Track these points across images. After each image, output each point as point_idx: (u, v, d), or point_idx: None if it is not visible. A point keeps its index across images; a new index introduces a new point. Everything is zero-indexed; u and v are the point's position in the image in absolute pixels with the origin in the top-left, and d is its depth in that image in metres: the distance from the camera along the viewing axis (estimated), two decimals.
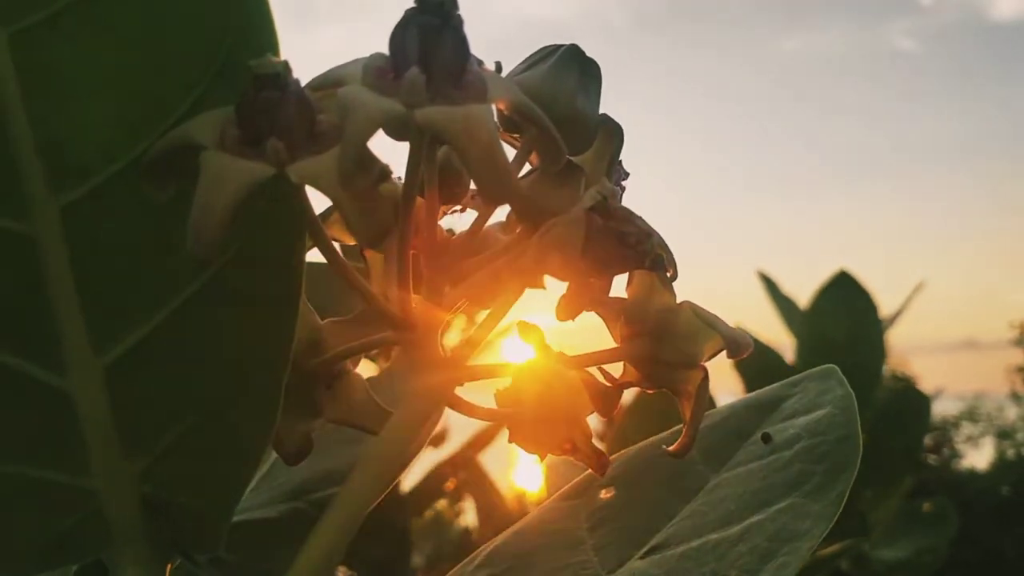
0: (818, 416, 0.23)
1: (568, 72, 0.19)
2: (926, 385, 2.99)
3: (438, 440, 1.31)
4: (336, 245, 0.20)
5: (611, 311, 0.22)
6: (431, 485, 1.20)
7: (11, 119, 0.16)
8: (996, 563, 2.09)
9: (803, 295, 1.24)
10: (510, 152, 0.20)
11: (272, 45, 0.17)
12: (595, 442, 0.23)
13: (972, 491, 2.38)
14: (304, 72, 0.16)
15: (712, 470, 0.24)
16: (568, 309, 0.19)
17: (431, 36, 0.16)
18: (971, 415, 2.96)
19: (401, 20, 0.16)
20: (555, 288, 0.20)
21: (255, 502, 0.23)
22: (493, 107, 0.16)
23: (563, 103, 0.19)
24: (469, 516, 1.40)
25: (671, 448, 0.22)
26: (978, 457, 2.77)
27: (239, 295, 0.18)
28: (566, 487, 0.27)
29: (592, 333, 0.22)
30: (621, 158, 0.21)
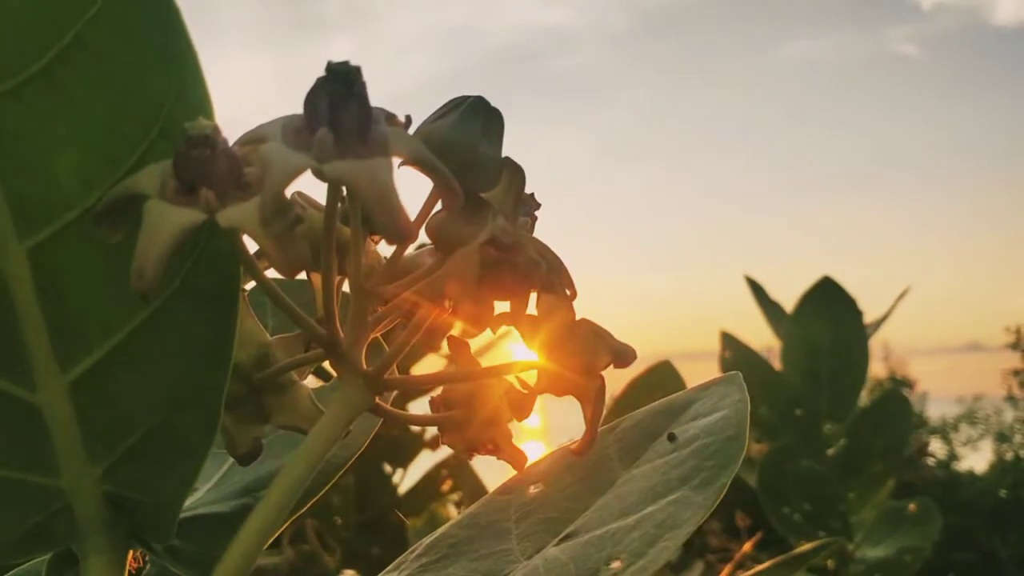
0: (715, 418, 0.26)
1: (472, 122, 0.22)
2: (925, 387, 3.01)
3: (435, 444, 1.34)
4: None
5: (524, 327, 0.25)
6: (427, 486, 1.23)
7: None
8: (993, 564, 2.10)
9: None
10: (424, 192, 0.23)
11: (205, 106, 0.20)
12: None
13: (971, 493, 2.40)
14: (310, 79, 0.19)
15: (624, 467, 0.27)
16: (473, 324, 0.22)
17: (338, 101, 0.18)
18: (970, 417, 2.98)
19: (313, 86, 0.19)
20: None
21: (211, 498, 0.26)
22: (394, 159, 0.19)
23: (467, 149, 0.21)
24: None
25: (574, 447, 0.25)
26: (977, 459, 2.78)
27: (184, 321, 0.20)
28: (501, 484, 0.30)
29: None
30: (530, 191, 0.24)
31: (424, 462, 1.22)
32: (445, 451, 1.30)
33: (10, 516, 0.21)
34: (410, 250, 0.24)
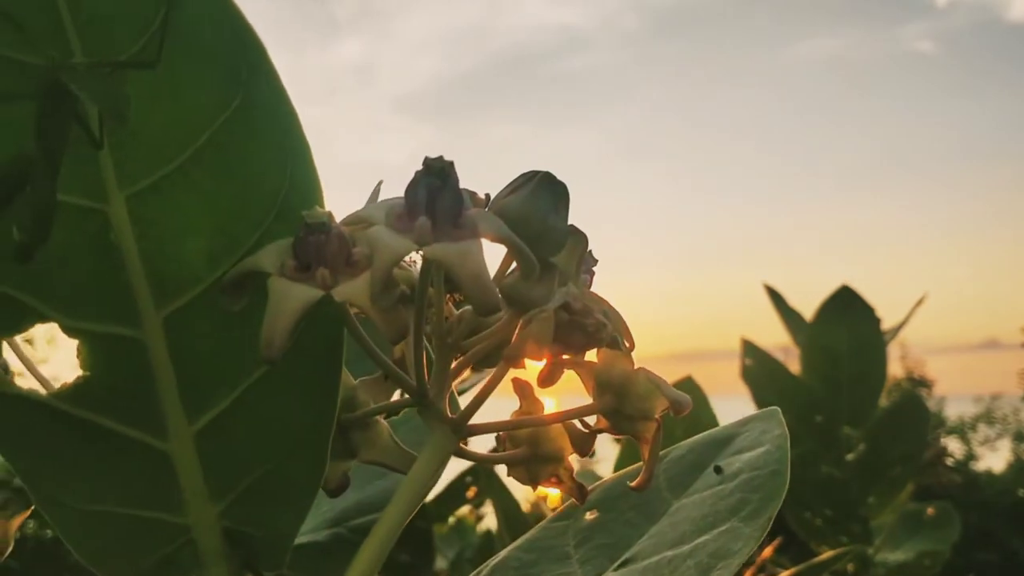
0: (758, 452, 0.28)
1: (541, 195, 0.24)
2: (942, 386, 3.02)
3: (459, 453, 1.37)
4: None
5: (585, 373, 0.27)
6: (453, 493, 1.27)
7: (129, 256, 0.21)
8: (1013, 563, 2.11)
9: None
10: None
11: (316, 193, 0.22)
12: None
13: (989, 493, 2.41)
14: (326, 82, 0.22)
15: (675, 496, 0.29)
16: (546, 380, 0.25)
17: (435, 192, 0.21)
18: (988, 417, 2.99)
19: (413, 179, 0.21)
20: None
21: (306, 528, 0.29)
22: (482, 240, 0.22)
23: (538, 221, 0.24)
24: (489, 521, 1.46)
25: (633, 484, 0.28)
26: (995, 459, 2.79)
27: (296, 376, 0.23)
28: (559, 510, 0.32)
29: None
30: (591, 248, 0.27)
31: (451, 470, 1.25)
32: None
33: (143, 549, 0.24)
34: None
